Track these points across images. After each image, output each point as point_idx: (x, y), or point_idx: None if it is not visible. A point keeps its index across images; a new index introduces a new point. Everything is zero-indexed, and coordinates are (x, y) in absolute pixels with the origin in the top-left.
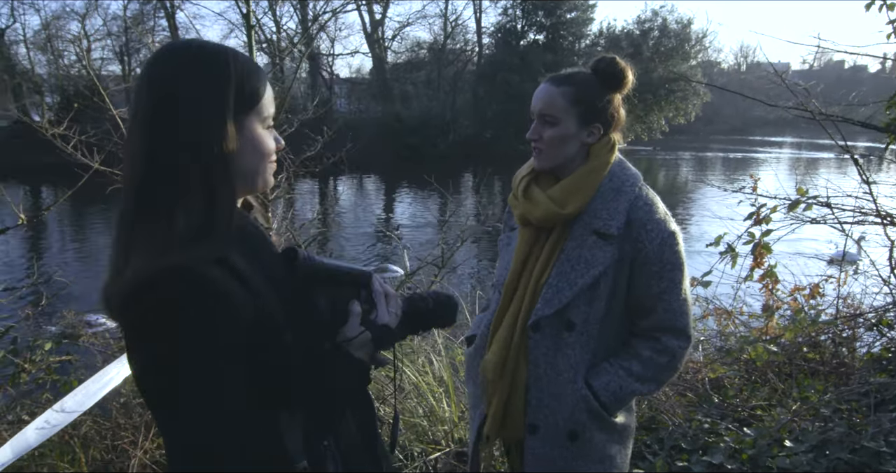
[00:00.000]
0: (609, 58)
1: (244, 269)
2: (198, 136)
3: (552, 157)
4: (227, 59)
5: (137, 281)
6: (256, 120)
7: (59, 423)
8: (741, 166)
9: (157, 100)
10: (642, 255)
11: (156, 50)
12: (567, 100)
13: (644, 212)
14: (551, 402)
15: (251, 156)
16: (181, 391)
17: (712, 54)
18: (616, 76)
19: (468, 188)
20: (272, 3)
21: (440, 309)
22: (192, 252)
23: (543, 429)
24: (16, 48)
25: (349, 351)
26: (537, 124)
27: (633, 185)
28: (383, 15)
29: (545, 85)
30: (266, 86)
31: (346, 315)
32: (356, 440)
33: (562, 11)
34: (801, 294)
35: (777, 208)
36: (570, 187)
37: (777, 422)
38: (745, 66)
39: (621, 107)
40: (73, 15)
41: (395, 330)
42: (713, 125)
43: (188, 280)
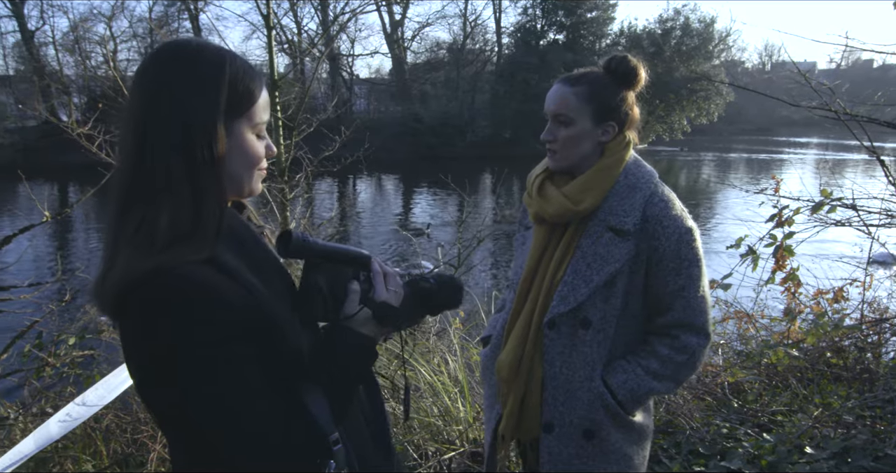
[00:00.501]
0: (620, 56)
1: (235, 266)
2: (187, 137)
3: (567, 157)
4: (224, 61)
5: (123, 282)
6: (247, 125)
7: (80, 416)
8: (765, 167)
9: (149, 98)
10: (659, 252)
11: (155, 47)
12: (580, 99)
13: (660, 208)
14: (567, 400)
15: (238, 161)
16: (188, 388)
17: (736, 53)
18: (629, 74)
19: (486, 188)
20: (293, 4)
21: (444, 290)
22: (176, 252)
23: (559, 428)
24: (45, 50)
25: (352, 327)
26: (552, 125)
27: (649, 182)
28: (403, 15)
29: (558, 85)
30: (262, 92)
31: (346, 293)
32: (363, 430)
33: (582, 11)
34: (824, 297)
35: (800, 210)
36: (585, 184)
37: (798, 428)
38: (769, 66)
39: (635, 104)
40: (100, 17)
41: (400, 308)
42: (737, 125)
43: (172, 280)
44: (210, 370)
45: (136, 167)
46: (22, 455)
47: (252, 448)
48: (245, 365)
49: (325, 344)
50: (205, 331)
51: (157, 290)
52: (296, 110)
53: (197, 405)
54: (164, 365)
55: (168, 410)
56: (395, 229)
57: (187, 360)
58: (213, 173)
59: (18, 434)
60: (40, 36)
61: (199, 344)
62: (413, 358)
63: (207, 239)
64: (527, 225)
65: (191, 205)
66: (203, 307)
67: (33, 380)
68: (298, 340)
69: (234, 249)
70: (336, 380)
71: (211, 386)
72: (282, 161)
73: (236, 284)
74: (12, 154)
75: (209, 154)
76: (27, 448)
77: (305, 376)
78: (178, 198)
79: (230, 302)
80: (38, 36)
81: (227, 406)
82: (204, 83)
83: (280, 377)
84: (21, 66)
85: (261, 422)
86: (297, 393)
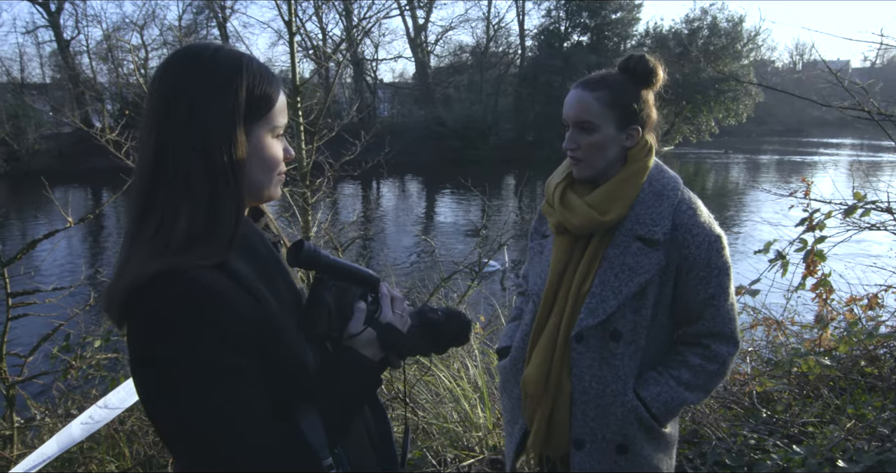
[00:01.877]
0: (638, 55)
1: (246, 275)
2: (206, 142)
3: (593, 165)
4: (241, 65)
5: (133, 284)
6: (266, 129)
7: (102, 419)
8: (796, 169)
9: (166, 102)
10: (689, 261)
11: (172, 52)
12: (603, 104)
13: (688, 216)
14: (598, 415)
15: (258, 165)
16: (189, 393)
17: (765, 53)
18: (648, 73)
19: (509, 191)
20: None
21: (452, 323)
22: (188, 256)
23: (590, 444)
24: (79, 58)
25: (355, 348)
26: (573, 133)
27: (675, 189)
28: (426, 19)
29: (577, 91)
30: (279, 95)
31: (351, 312)
32: (367, 449)
33: (607, 12)
34: (857, 304)
35: (832, 213)
36: (611, 193)
37: (830, 440)
38: (800, 65)
39: (654, 105)
40: (132, 26)
41: (406, 335)
42: (766, 126)
43: (183, 284)
44: (213, 376)
45: (154, 173)
46: (45, 457)
47: (251, 462)
48: (247, 376)
49: (327, 363)
50: (212, 336)
51: (166, 291)
52: (318, 115)
53: (197, 412)
54: (169, 367)
55: (168, 416)
56: (418, 232)
57: (192, 364)
58: (233, 178)
59: (46, 434)
60: (75, 45)
61: (206, 348)
62: (433, 363)
63: (222, 244)
64: (543, 233)
65: (208, 210)
66: (212, 311)
67: (59, 382)
68: (304, 354)
69: (246, 257)
70: (336, 400)
71: (213, 393)
72: (303, 166)
73: (246, 292)
74: (48, 160)
75: (228, 159)
76: (50, 450)
77: (307, 392)
78: (196, 203)
79: (239, 310)
80: (73, 45)
81: (226, 416)
82: (222, 87)
83: (280, 393)
84: (57, 74)
85: (258, 434)
86: (293, 414)
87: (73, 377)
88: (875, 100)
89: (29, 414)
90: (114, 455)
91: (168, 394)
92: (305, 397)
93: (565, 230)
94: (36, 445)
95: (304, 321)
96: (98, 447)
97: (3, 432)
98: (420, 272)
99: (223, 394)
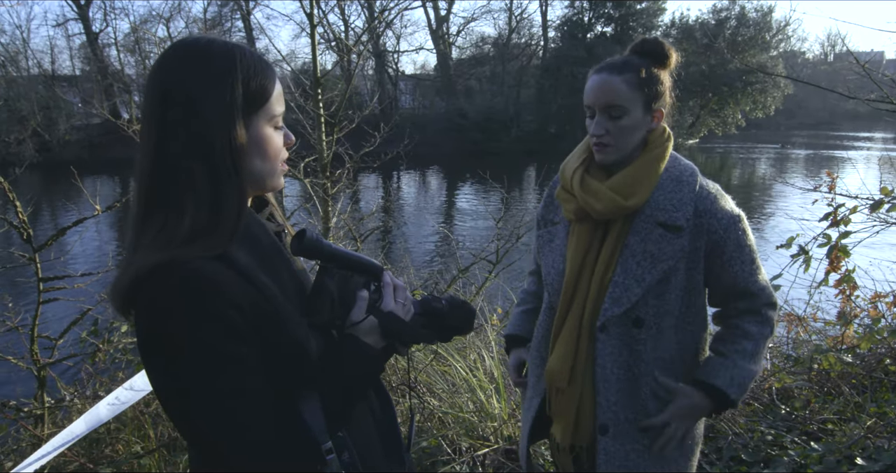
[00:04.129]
0: (649, 38)
1: (247, 264)
2: (204, 137)
3: (621, 149)
4: (235, 57)
5: (135, 276)
6: (264, 119)
7: (128, 400)
8: (825, 163)
9: (163, 98)
10: (720, 245)
11: (166, 47)
12: (632, 87)
13: (710, 201)
14: (620, 399)
15: (259, 157)
16: (190, 382)
17: (795, 43)
18: (662, 54)
19: (531, 183)
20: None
21: (456, 313)
22: (189, 249)
23: (613, 427)
24: (108, 50)
25: (357, 335)
26: (601, 118)
27: (693, 175)
28: (448, 11)
29: (602, 75)
30: (275, 84)
31: (354, 300)
32: (372, 434)
33: (631, 2)
34: (882, 301)
35: (857, 208)
36: (634, 177)
37: (849, 438)
38: (832, 56)
39: (669, 87)
40: (159, 18)
41: (408, 324)
42: (797, 118)
43: (182, 273)
44: (213, 364)
45: (155, 169)
46: (74, 436)
47: (250, 449)
48: (247, 364)
49: (330, 350)
50: (211, 324)
51: (166, 281)
52: (339, 107)
53: (198, 399)
54: (171, 356)
55: (174, 403)
56: (438, 223)
57: (192, 351)
58: (234, 172)
59: (75, 415)
60: (104, 37)
61: (206, 335)
62: (449, 353)
63: (224, 236)
64: (553, 220)
65: (211, 206)
66: (211, 299)
67: (88, 365)
68: (307, 342)
69: (247, 248)
70: (339, 386)
71: (212, 380)
72: (324, 157)
73: (246, 281)
74: (78, 150)
75: (229, 152)
76: (78, 429)
77: (310, 378)
78: (199, 200)
79: (239, 298)
80: (101, 37)
81: (226, 403)
82: (218, 81)
83: (282, 379)
84: (86, 66)
85: (258, 424)
86: (293, 400)
87: (100, 360)
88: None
89: (58, 395)
90: (139, 437)
91: (172, 382)
92: (308, 383)
93: (585, 216)
94: (65, 425)
95: (307, 308)
96: (124, 428)
97: (34, 411)
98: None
99: (224, 381)
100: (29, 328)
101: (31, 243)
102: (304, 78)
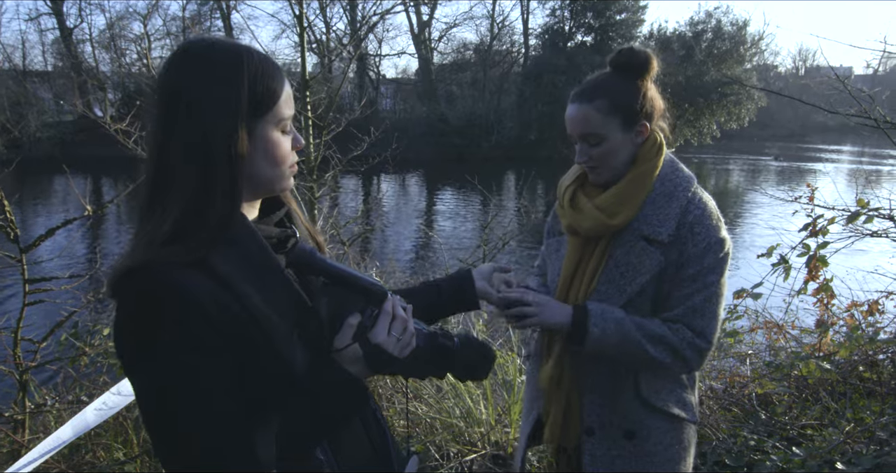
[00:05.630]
0: (626, 49)
1: (227, 273)
2: (205, 139)
3: (609, 169)
4: (241, 59)
5: (116, 276)
6: (271, 123)
7: (115, 405)
8: (796, 175)
9: (167, 100)
10: (684, 256)
11: (176, 48)
12: (604, 113)
13: (695, 215)
14: (606, 403)
15: (264, 161)
16: (147, 387)
17: (769, 57)
18: (642, 64)
19: (511, 189)
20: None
21: (468, 351)
22: (165, 252)
23: (599, 431)
24: (82, 47)
25: (339, 361)
26: (582, 146)
27: (686, 190)
28: (430, 16)
29: (575, 105)
30: (283, 87)
31: (342, 324)
32: (366, 458)
33: (611, 13)
34: (858, 310)
35: (835, 220)
36: (619, 196)
37: (829, 443)
38: (803, 70)
39: (655, 93)
40: (136, 15)
41: (397, 359)
42: (769, 130)
43: (145, 279)
44: (171, 373)
45: (157, 169)
46: (60, 441)
47: (201, 461)
48: (209, 375)
49: (313, 369)
50: (173, 333)
51: (131, 287)
52: (325, 110)
53: (152, 408)
54: (132, 356)
55: (137, 396)
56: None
57: (149, 360)
58: (230, 175)
59: (53, 420)
60: (78, 33)
61: (163, 343)
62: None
63: (203, 241)
64: (560, 230)
65: (198, 210)
66: (173, 308)
67: (69, 369)
68: (291, 355)
69: (232, 256)
70: (307, 408)
71: (169, 390)
72: (311, 160)
73: (223, 290)
74: (50, 148)
75: (227, 157)
76: (65, 435)
77: (290, 393)
78: (186, 201)
79: (208, 308)
80: (76, 33)
81: (178, 414)
82: (222, 84)
83: (256, 391)
84: (59, 62)
85: (210, 439)
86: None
87: (81, 364)
88: (881, 108)
89: (36, 399)
90: (121, 442)
91: (135, 381)
92: (283, 394)
93: (576, 232)
94: (44, 430)
95: (297, 323)
96: (105, 434)
97: (15, 416)
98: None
99: (178, 392)
100: (11, 331)
101: (17, 243)
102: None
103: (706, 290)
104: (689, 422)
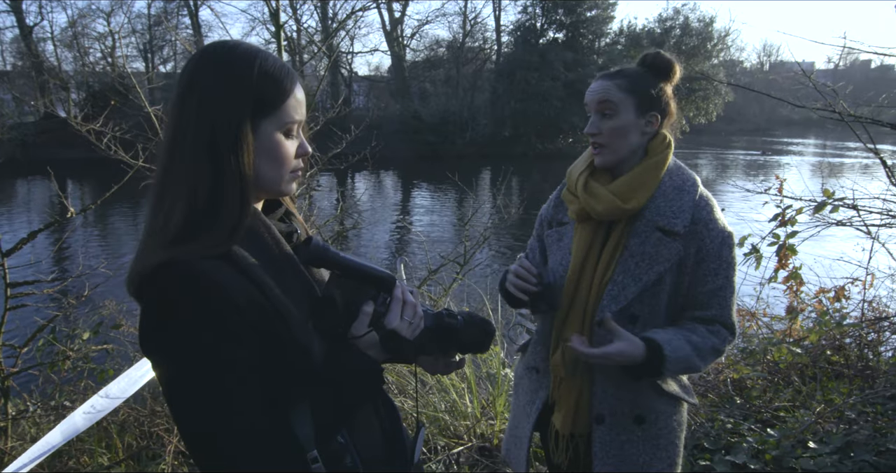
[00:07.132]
0: (654, 52)
1: (250, 264)
2: (213, 137)
3: (615, 151)
4: (254, 59)
5: (141, 275)
6: (275, 125)
7: (104, 408)
8: (763, 168)
9: (181, 99)
10: (703, 252)
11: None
12: (622, 90)
13: (707, 211)
14: (617, 391)
15: (267, 162)
16: (186, 380)
17: (735, 53)
18: (664, 66)
19: (486, 186)
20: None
21: (471, 330)
22: (189, 246)
23: (609, 417)
24: (43, 45)
25: (358, 347)
26: (595, 118)
27: (694, 186)
28: (403, 13)
29: (598, 81)
30: (293, 91)
31: (358, 312)
32: (378, 443)
33: (582, 9)
34: (825, 296)
35: (803, 210)
36: (633, 182)
37: (801, 424)
38: (768, 66)
39: (673, 102)
40: (99, 13)
41: (411, 342)
42: (736, 124)
43: (181, 273)
44: (210, 367)
45: (169, 165)
46: (50, 446)
47: (236, 451)
48: (244, 366)
49: (331, 358)
50: (208, 326)
51: (163, 282)
52: (309, 107)
53: (190, 402)
54: (169, 358)
55: (169, 395)
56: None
57: (189, 354)
58: (238, 172)
59: (32, 427)
60: (39, 31)
61: (203, 339)
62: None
63: (224, 234)
64: (560, 220)
65: (210, 203)
66: (206, 300)
67: (51, 373)
68: (309, 344)
69: (252, 248)
70: (331, 395)
71: (205, 381)
72: None
73: (248, 281)
74: (11, 149)
75: (234, 153)
76: (55, 440)
77: (310, 381)
78: (198, 196)
79: (237, 298)
80: (36, 31)
81: (215, 406)
82: (230, 83)
83: (280, 381)
84: (19, 61)
85: (247, 427)
86: (284, 407)
87: (61, 368)
88: (844, 102)
89: (17, 406)
90: (105, 447)
91: (168, 380)
92: (307, 384)
93: (587, 217)
94: (26, 437)
95: (311, 313)
96: (89, 439)
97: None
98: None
99: (218, 383)
100: None
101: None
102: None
103: (729, 286)
104: (689, 403)
